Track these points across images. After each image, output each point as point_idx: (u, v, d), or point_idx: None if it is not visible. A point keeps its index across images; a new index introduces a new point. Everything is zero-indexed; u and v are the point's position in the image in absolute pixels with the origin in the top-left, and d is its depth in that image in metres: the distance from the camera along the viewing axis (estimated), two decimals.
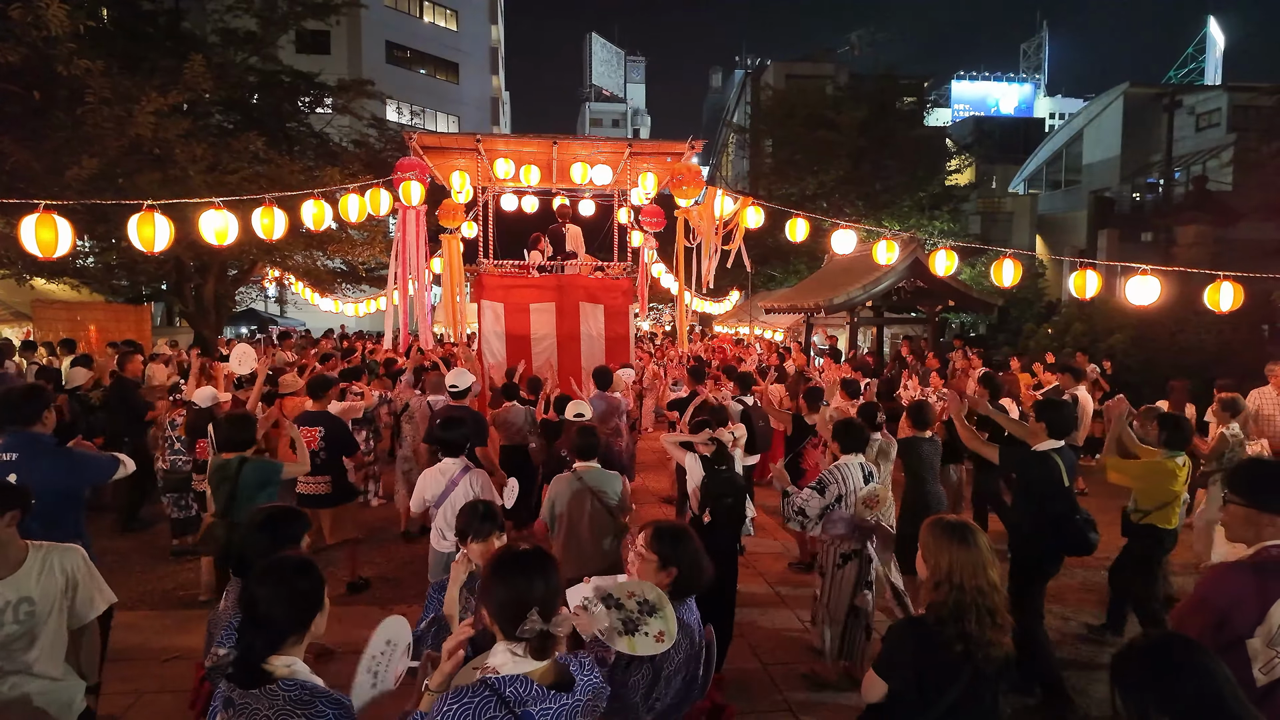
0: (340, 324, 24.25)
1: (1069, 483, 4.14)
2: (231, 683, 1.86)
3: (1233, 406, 5.96)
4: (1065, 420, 4.27)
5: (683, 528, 2.66)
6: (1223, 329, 11.62)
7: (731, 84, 60.94)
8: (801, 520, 4.23)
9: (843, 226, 8.20)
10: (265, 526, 2.60)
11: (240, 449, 4.18)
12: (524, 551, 1.96)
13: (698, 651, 2.52)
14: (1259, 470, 2.66)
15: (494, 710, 1.71)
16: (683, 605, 2.50)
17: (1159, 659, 1.61)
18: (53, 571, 2.62)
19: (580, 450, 4.18)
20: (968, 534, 2.36)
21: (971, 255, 19.95)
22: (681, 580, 2.50)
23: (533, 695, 1.76)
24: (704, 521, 4.17)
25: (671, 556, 2.50)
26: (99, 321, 13.81)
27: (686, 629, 2.45)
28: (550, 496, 4.15)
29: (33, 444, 3.52)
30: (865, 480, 4.25)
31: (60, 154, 9.83)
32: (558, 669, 1.85)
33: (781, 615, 5.35)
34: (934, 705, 2.26)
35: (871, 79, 25.80)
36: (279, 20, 15.76)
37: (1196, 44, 66.66)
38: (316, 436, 5.45)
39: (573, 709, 1.82)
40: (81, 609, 2.69)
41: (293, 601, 1.94)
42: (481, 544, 2.82)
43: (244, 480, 4.06)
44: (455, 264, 9.37)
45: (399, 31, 34.29)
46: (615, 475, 4.20)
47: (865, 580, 4.19)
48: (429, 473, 4.19)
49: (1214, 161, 23.28)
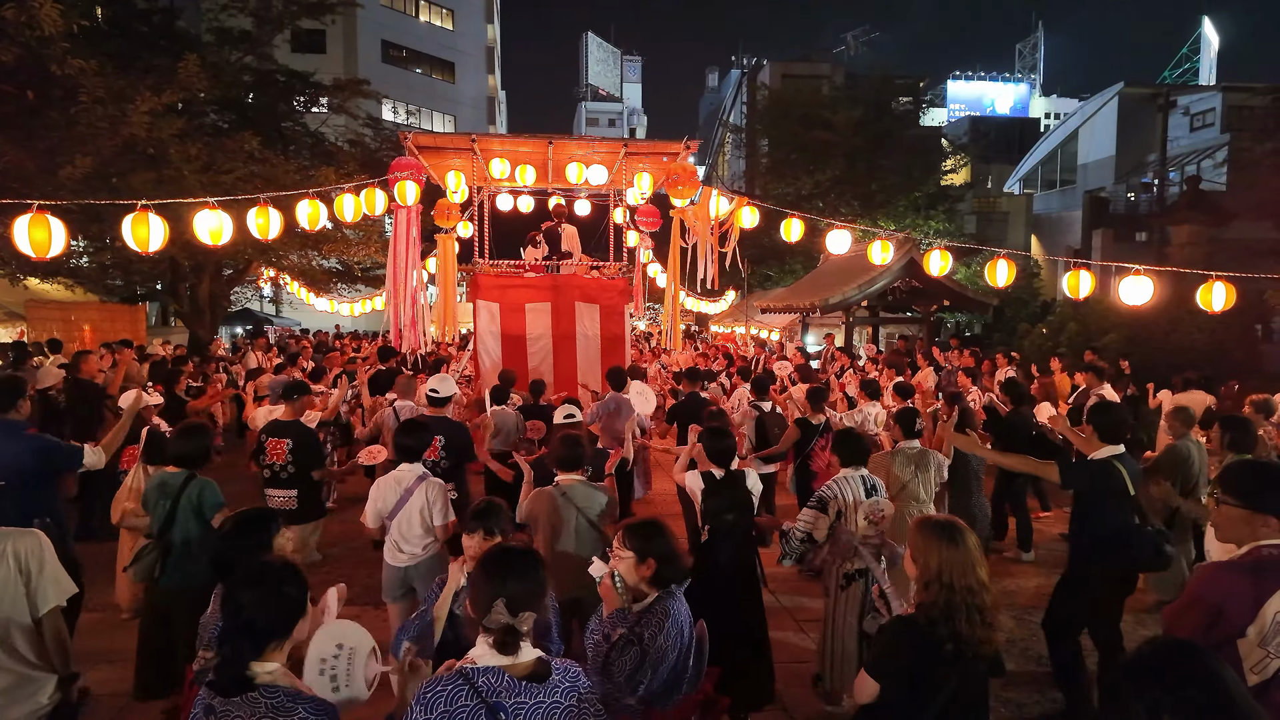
0: (335, 324, 24.22)
1: (1135, 491, 3.83)
2: (212, 690, 1.85)
3: (1265, 408, 5.80)
4: (1117, 423, 3.96)
5: (652, 521, 2.73)
6: (1216, 328, 11.66)
7: (728, 84, 60.95)
8: (808, 547, 3.90)
9: (838, 226, 8.21)
10: (248, 529, 2.58)
11: (191, 464, 3.75)
12: (509, 549, 2.02)
13: (688, 644, 2.55)
14: (1251, 470, 2.66)
15: (466, 698, 1.76)
16: (671, 597, 2.55)
17: (1169, 666, 1.60)
18: (5, 557, 2.51)
19: (563, 461, 3.87)
20: (956, 533, 2.37)
21: (967, 255, 20.00)
22: (661, 571, 2.57)
23: (505, 686, 1.79)
24: (701, 540, 3.92)
25: (645, 549, 2.57)
26: (93, 322, 13.79)
27: (675, 621, 2.50)
28: (528, 512, 3.83)
29: (5, 428, 3.81)
30: (867, 494, 3.92)
31: (54, 153, 9.79)
32: (537, 664, 1.87)
33: (786, 625, 5.20)
34: (926, 705, 2.27)
35: (867, 79, 25.85)
36: (274, 19, 15.75)
37: (1191, 44, 66.93)
38: (284, 449, 5.09)
39: (550, 709, 1.82)
40: (36, 598, 2.56)
41: (275, 607, 1.93)
42: (471, 538, 2.84)
43: (187, 500, 3.64)
44: (450, 264, 9.37)
45: (395, 31, 34.23)
46: (601, 491, 3.89)
47: (873, 604, 3.75)
48: (383, 482, 3.95)
49: (1208, 161, 23.36)
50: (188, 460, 3.75)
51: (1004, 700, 4.18)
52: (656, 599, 2.56)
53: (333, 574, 5.80)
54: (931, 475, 4.70)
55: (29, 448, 3.84)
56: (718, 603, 3.76)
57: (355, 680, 2.09)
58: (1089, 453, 3.99)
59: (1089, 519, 3.92)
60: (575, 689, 1.89)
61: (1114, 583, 3.85)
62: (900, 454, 4.73)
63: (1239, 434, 4.34)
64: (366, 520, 3.98)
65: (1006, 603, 5.44)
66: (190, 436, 3.82)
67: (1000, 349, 13.27)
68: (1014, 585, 6.01)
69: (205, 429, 4.00)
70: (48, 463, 3.92)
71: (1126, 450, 3.94)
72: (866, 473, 4.04)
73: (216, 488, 3.79)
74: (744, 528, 3.94)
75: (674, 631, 2.47)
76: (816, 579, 5.53)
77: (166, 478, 3.73)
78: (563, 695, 1.86)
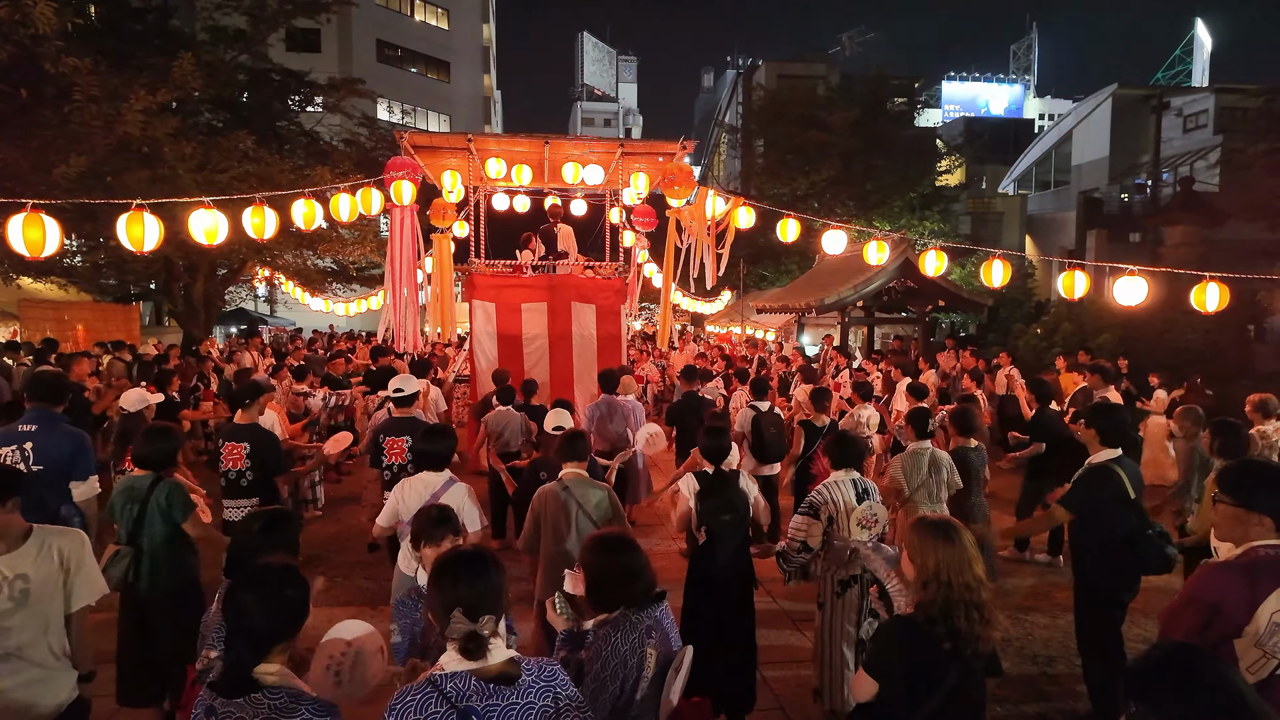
0: (330, 324, 24.16)
1: (1135, 495, 3.78)
2: (214, 691, 1.85)
3: (1264, 407, 5.76)
4: (1119, 426, 3.92)
5: (610, 536, 2.51)
6: (1209, 329, 11.72)
7: (723, 84, 61.10)
8: (804, 559, 3.77)
9: (834, 227, 8.22)
10: (265, 529, 2.56)
11: (157, 466, 3.63)
12: (459, 554, 1.99)
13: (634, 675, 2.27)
14: (1248, 470, 2.67)
15: (435, 705, 1.75)
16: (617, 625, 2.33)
17: (1178, 672, 1.59)
18: (50, 553, 2.59)
19: (566, 453, 3.88)
20: (952, 532, 2.39)
21: (961, 255, 20.08)
22: (594, 593, 2.39)
23: (474, 690, 1.79)
24: (699, 542, 3.86)
25: (587, 564, 2.42)
26: (87, 321, 13.75)
27: (615, 649, 2.27)
28: (534, 513, 3.80)
29: (50, 420, 4.11)
30: (859, 498, 3.80)
31: (47, 152, 9.75)
32: (507, 665, 1.86)
33: (784, 630, 5.20)
34: (924, 703, 2.28)
35: (862, 79, 25.90)
36: (269, 18, 15.71)
37: (1184, 46, 67.28)
38: (241, 454, 4.74)
39: (525, 710, 1.82)
40: (71, 596, 2.64)
41: (277, 610, 1.92)
42: (434, 548, 2.73)
43: (155, 503, 3.55)
44: (446, 264, 9.35)
45: (390, 30, 34.17)
46: (601, 487, 3.86)
47: (869, 608, 3.71)
48: (407, 483, 3.82)
49: (1201, 162, 23.47)
50: (152, 462, 3.63)
51: (999, 700, 4.19)
52: (600, 624, 2.36)
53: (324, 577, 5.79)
54: (945, 477, 4.73)
55: (68, 439, 4.09)
56: (716, 604, 3.78)
57: (360, 677, 2.10)
58: (1093, 454, 3.94)
59: (1090, 526, 3.87)
60: (550, 689, 1.88)
61: (1118, 585, 3.81)
62: (915, 455, 4.77)
63: (1229, 439, 4.29)
64: (380, 521, 3.85)
65: (1003, 602, 5.47)
66: (155, 438, 3.69)
67: (994, 348, 13.32)
68: (1010, 585, 6.03)
69: (171, 431, 3.84)
70: (77, 456, 4.10)
71: (1124, 452, 3.93)
72: (858, 476, 3.94)
73: (185, 489, 3.71)
74: (741, 529, 3.89)
75: (614, 661, 2.24)
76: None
77: (133, 481, 3.63)
78: (536, 695, 1.85)
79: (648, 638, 2.30)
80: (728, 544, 3.80)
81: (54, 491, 3.95)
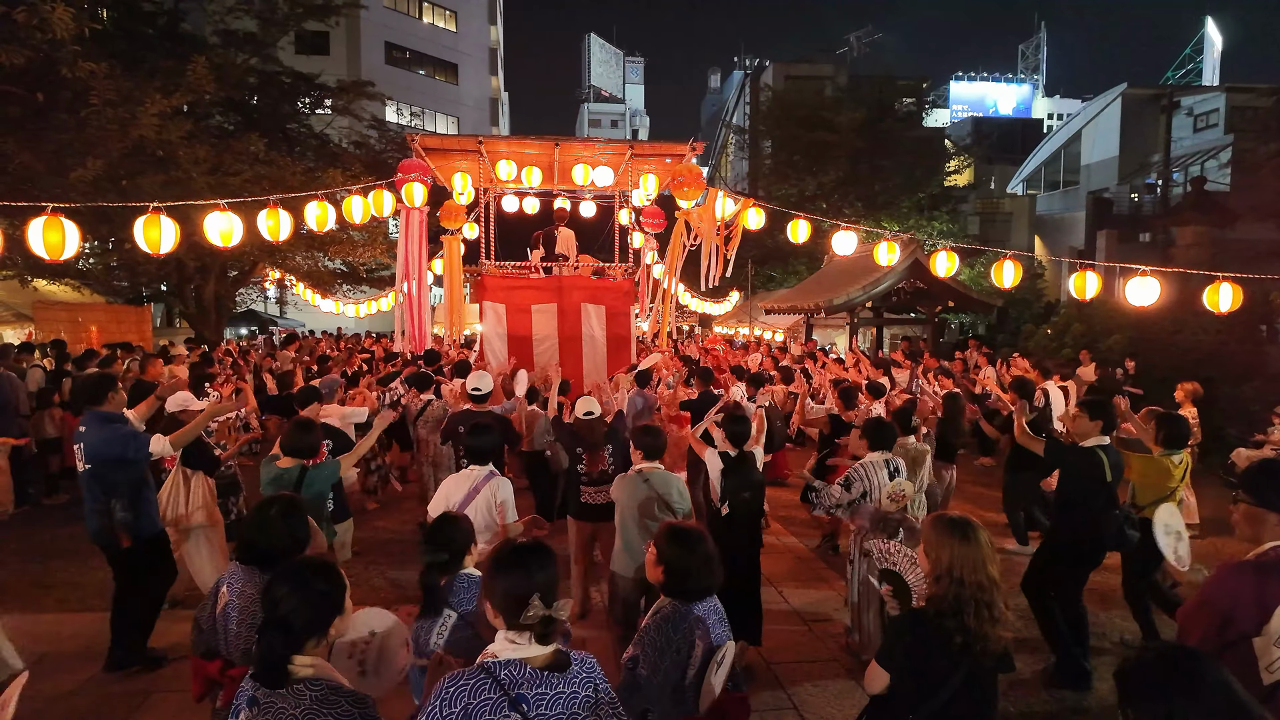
0: (338, 325, 24.27)
1: (1111, 479, 4.25)
2: (256, 681, 1.88)
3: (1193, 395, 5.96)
4: (1111, 414, 4.51)
5: (688, 530, 2.62)
6: (1221, 329, 11.66)
7: (730, 85, 61.01)
8: (833, 509, 4.51)
9: (842, 227, 8.23)
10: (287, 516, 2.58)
11: (306, 455, 4.11)
12: (522, 545, 2.02)
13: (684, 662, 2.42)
14: (1268, 469, 2.66)
15: (489, 691, 1.78)
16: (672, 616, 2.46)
17: (1171, 675, 1.59)
18: None
19: (647, 450, 4.17)
20: (969, 530, 2.41)
21: (970, 256, 20.02)
22: (669, 581, 2.50)
23: (527, 678, 1.82)
24: (721, 515, 4.28)
25: (662, 552, 2.53)
26: (100, 322, 13.83)
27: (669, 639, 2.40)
28: (614, 495, 4.16)
29: (97, 418, 4.30)
30: (891, 476, 4.39)
31: (63, 155, 9.85)
32: (556, 655, 1.89)
33: (784, 613, 5.37)
34: (933, 696, 2.31)
35: (870, 80, 25.93)
36: (279, 21, 15.82)
37: (1194, 45, 66.77)
38: None
39: (570, 699, 1.85)
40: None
41: (313, 604, 1.96)
42: None
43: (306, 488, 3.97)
44: (456, 265, 9.40)
45: (398, 32, 34.29)
46: (678, 478, 4.21)
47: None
48: (454, 478, 4.12)
49: (1212, 162, 23.36)
50: (301, 452, 4.10)
51: (1010, 699, 4.20)
52: (653, 613, 2.51)
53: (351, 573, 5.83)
54: (922, 475, 5.20)
55: (114, 435, 4.25)
56: (733, 571, 3.91)
57: (385, 668, 2.11)
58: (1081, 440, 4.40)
59: (1069, 499, 4.45)
60: (591, 680, 1.91)
61: (1081, 553, 4.35)
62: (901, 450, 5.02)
63: (1172, 429, 4.78)
64: (430, 510, 4.10)
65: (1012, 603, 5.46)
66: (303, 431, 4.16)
67: (1005, 349, 13.28)
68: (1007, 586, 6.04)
69: (314, 424, 4.39)
70: (125, 449, 4.25)
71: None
72: (891, 456, 4.52)
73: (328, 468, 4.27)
74: (757, 505, 4.54)
75: (668, 649, 2.39)
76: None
77: (281, 472, 4.05)
78: (580, 685, 1.88)
79: (696, 629, 2.43)
80: (747, 519, 4.41)
81: (102, 485, 4.18)
